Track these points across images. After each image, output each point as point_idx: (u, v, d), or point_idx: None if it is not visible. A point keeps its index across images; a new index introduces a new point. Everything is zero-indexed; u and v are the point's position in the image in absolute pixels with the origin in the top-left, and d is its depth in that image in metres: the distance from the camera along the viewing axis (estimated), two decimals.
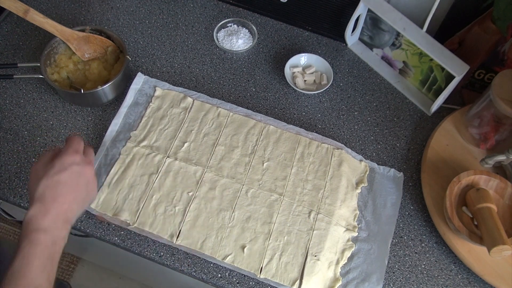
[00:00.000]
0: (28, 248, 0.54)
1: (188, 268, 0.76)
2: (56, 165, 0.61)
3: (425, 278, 0.78)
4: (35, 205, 0.57)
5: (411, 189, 0.86)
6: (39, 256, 0.54)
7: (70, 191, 0.60)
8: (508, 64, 0.87)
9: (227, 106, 0.91)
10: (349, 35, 1.01)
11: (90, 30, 0.91)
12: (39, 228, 0.56)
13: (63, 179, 0.60)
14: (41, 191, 0.58)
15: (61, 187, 0.60)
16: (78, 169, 0.62)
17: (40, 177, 0.60)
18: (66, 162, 0.61)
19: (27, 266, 0.53)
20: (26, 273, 0.53)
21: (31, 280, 0.53)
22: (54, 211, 0.58)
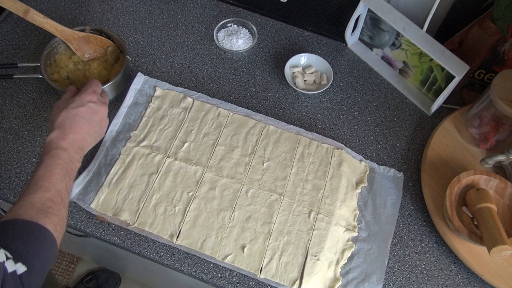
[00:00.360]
0: (51, 160, 0.63)
1: (188, 268, 0.76)
2: (76, 101, 0.71)
3: (425, 278, 0.78)
4: (54, 131, 0.67)
5: (411, 189, 0.86)
6: (60, 167, 0.63)
7: (85, 124, 0.70)
8: (508, 64, 0.87)
9: (227, 106, 0.91)
10: (349, 35, 1.01)
11: (90, 30, 0.91)
12: (58, 147, 0.65)
13: (81, 113, 0.70)
14: (61, 120, 0.68)
15: (78, 119, 0.69)
16: (95, 107, 0.72)
17: (60, 110, 0.69)
18: (84, 99, 0.71)
19: (50, 172, 0.62)
20: (49, 177, 0.61)
21: (53, 184, 0.61)
22: (71, 136, 0.68)
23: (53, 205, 0.59)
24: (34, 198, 0.58)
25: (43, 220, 0.56)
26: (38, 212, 0.57)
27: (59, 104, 0.72)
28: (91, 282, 1.53)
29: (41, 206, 0.58)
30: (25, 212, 0.56)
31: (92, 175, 0.81)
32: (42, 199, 0.59)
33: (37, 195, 0.59)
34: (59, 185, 0.62)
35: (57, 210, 0.59)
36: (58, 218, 0.59)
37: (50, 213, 0.58)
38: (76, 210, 0.79)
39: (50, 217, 0.57)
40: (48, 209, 0.58)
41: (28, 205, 0.57)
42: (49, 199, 0.59)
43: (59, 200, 0.61)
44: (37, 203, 0.58)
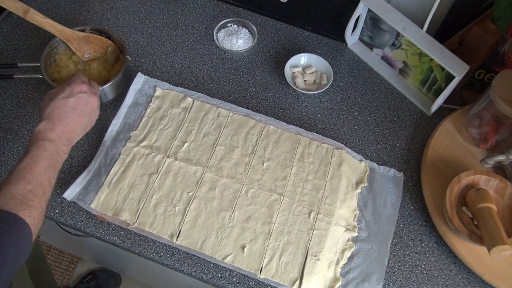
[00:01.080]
0: (36, 151, 0.63)
1: (188, 268, 0.76)
2: (66, 91, 0.69)
3: (425, 278, 0.78)
4: (43, 121, 0.66)
5: (411, 189, 0.86)
6: (45, 159, 0.62)
7: (75, 115, 0.69)
8: (508, 64, 0.87)
9: (227, 106, 0.91)
10: (349, 35, 1.01)
11: (90, 30, 0.91)
12: (46, 138, 0.65)
13: (70, 104, 0.69)
14: (50, 111, 0.67)
15: (67, 110, 0.68)
16: (85, 98, 0.71)
17: (50, 99, 0.69)
18: (75, 90, 0.70)
19: (34, 164, 0.61)
20: (32, 169, 0.61)
21: (36, 176, 0.60)
22: (59, 128, 0.67)
23: (33, 198, 0.58)
24: (16, 190, 0.58)
25: (23, 212, 0.56)
26: (18, 204, 0.56)
27: (51, 93, 0.71)
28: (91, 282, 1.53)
29: (21, 198, 0.57)
30: (5, 203, 0.55)
31: (92, 175, 0.81)
32: (23, 190, 0.58)
33: (19, 186, 0.58)
34: (42, 177, 0.61)
35: (38, 203, 0.59)
36: (38, 212, 0.58)
37: (30, 206, 0.57)
38: (76, 210, 0.79)
39: (29, 210, 0.57)
40: (29, 202, 0.57)
41: (8, 196, 0.57)
42: (30, 191, 0.59)
43: (40, 193, 0.60)
44: (18, 194, 0.57)
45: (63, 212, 0.79)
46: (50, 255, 1.58)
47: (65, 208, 0.80)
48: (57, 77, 0.88)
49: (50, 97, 0.70)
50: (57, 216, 0.79)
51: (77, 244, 1.31)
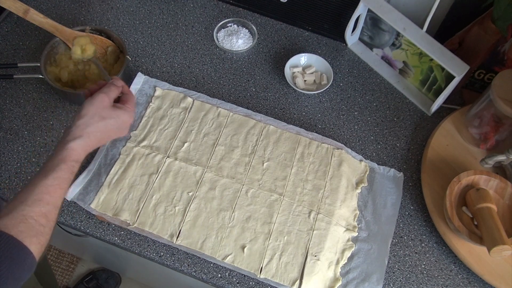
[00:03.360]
0: (64, 173, 0.60)
1: (188, 268, 0.76)
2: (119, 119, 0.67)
3: (425, 278, 0.78)
4: (83, 138, 0.63)
5: (411, 189, 0.86)
6: (68, 182, 0.60)
7: (105, 141, 0.69)
8: (508, 64, 0.87)
9: (227, 106, 0.91)
10: (349, 35, 1.01)
11: (90, 30, 0.91)
12: (78, 160, 0.63)
13: (111, 134, 0.67)
14: (94, 130, 0.65)
15: (108, 134, 0.67)
16: (124, 130, 0.70)
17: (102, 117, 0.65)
18: (125, 121, 0.68)
19: (58, 186, 0.58)
20: (54, 191, 0.58)
21: (55, 199, 0.58)
22: (90, 149, 0.66)
23: (46, 223, 0.55)
24: (29, 212, 0.54)
25: (30, 239, 0.52)
26: (28, 230, 0.53)
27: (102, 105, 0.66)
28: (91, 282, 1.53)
29: (33, 223, 0.54)
30: (14, 226, 0.52)
31: (92, 175, 0.81)
32: (37, 214, 0.55)
33: (35, 208, 0.55)
34: (59, 200, 0.59)
35: (48, 229, 0.56)
36: (45, 239, 0.55)
37: (40, 233, 0.54)
38: (76, 210, 0.79)
39: (38, 237, 0.54)
40: (40, 227, 0.54)
41: (20, 217, 0.53)
42: (44, 215, 0.55)
43: (53, 217, 0.57)
44: (31, 217, 0.54)
45: (63, 212, 0.79)
46: (50, 255, 1.58)
47: (65, 208, 0.80)
48: (57, 77, 0.88)
49: (101, 112, 0.65)
50: None
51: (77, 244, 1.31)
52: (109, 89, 0.68)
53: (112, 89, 0.68)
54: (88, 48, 0.73)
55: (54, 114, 0.90)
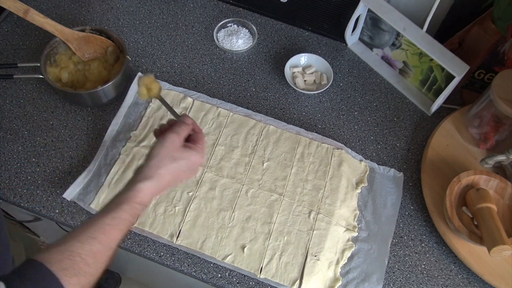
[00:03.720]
0: (126, 215, 0.57)
1: (188, 268, 0.76)
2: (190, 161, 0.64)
3: (425, 278, 0.78)
4: (154, 180, 0.60)
5: (411, 189, 0.86)
6: (127, 224, 0.57)
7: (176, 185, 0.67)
8: (508, 64, 0.87)
9: (227, 106, 0.91)
10: (349, 35, 1.01)
11: (90, 30, 0.91)
12: (143, 203, 0.59)
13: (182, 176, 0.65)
14: (165, 173, 0.62)
15: (176, 180, 0.64)
16: (195, 171, 0.67)
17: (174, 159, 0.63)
18: (196, 162, 0.65)
19: (116, 227, 0.55)
20: (110, 232, 0.55)
21: (110, 241, 0.55)
22: (158, 194, 0.62)
23: (93, 263, 0.52)
24: (78, 248, 0.52)
25: (69, 279, 0.49)
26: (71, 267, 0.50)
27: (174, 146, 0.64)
28: None
29: (79, 261, 0.51)
30: (58, 261, 0.50)
31: (92, 175, 0.81)
32: (86, 252, 0.52)
33: (85, 246, 0.52)
34: (113, 243, 0.55)
35: (94, 270, 0.53)
36: (89, 280, 0.52)
37: (84, 273, 0.51)
38: (76, 210, 0.79)
39: (79, 278, 0.50)
40: (84, 267, 0.51)
41: (67, 253, 0.51)
42: (93, 254, 0.53)
43: (102, 258, 0.54)
44: (78, 255, 0.51)
45: (63, 212, 0.79)
46: None
47: (65, 208, 0.80)
48: (57, 77, 0.88)
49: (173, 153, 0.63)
50: (57, 216, 0.79)
51: None
52: (180, 129, 0.65)
53: (183, 128, 0.66)
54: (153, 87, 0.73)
55: (54, 114, 0.90)
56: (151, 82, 0.72)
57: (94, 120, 0.89)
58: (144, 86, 0.73)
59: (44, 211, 0.79)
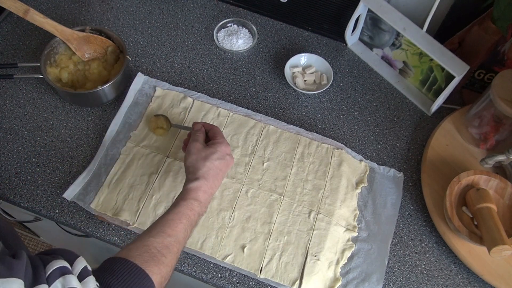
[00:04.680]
0: (183, 209, 0.64)
1: (188, 268, 0.76)
2: (218, 152, 0.72)
3: (425, 278, 0.78)
4: (200, 180, 0.68)
5: (411, 189, 0.86)
6: (188, 218, 0.64)
7: (221, 177, 0.72)
8: (508, 64, 0.87)
9: (227, 106, 0.91)
10: (349, 35, 1.01)
11: (90, 30, 0.91)
12: (197, 199, 0.67)
13: (221, 166, 0.71)
14: (206, 170, 0.69)
15: (218, 172, 0.71)
16: (229, 159, 0.73)
17: (204, 157, 0.70)
18: (224, 152, 0.72)
19: (178, 220, 0.63)
20: (175, 225, 0.62)
21: (176, 233, 0.61)
22: (211, 191, 0.70)
23: (167, 254, 0.58)
24: (152, 242, 0.58)
25: (152, 269, 0.55)
26: (150, 259, 0.56)
27: (199, 149, 0.72)
28: None
29: (156, 253, 0.57)
30: (138, 255, 0.55)
31: (92, 175, 0.81)
32: (160, 244, 0.58)
33: (157, 239, 0.59)
34: (181, 235, 0.62)
35: (170, 261, 0.59)
36: (167, 269, 0.58)
37: (162, 263, 0.57)
38: (76, 210, 0.79)
39: (159, 267, 0.56)
40: (161, 258, 0.57)
41: (144, 248, 0.57)
42: (166, 246, 0.59)
43: (175, 250, 0.60)
44: (154, 248, 0.57)
45: (63, 212, 0.79)
46: None
47: (65, 208, 0.80)
48: (57, 78, 0.88)
49: (200, 154, 0.71)
50: (57, 216, 0.79)
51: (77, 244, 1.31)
52: (196, 136, 0.74)
53: (197, 134, 0.74)
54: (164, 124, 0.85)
55: (54, 114, 0.90)
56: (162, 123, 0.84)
57: (94, 120, 0.89)
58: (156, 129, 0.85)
59: (44, 211, 0.79)
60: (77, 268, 0.47)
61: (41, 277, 0.44)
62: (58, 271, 0.45)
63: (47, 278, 0.44)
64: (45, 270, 0.45)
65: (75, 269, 0.47)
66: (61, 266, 0.45)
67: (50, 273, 0.44)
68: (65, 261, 0.47)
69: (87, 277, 0.47)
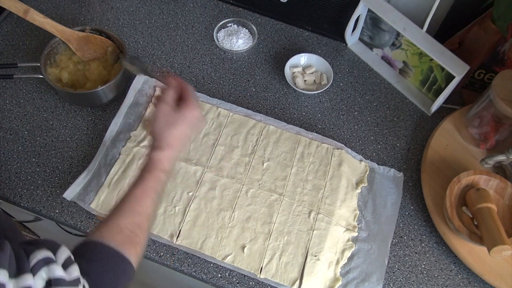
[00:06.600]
0: (151, 182, 0.62)
1: (188, 268, 0.76)
2: (187, 119, 0.66)
3: (425, 278, 0.78)
4: (166, 150, 0.65)
5: (411, 189, 0.86)
6: (155, 191, 0.62)
7: (188, 139, 0.69)
8: (508, 64, 0.87)
9: (227, 106, 0.91)
10: (349, 35, 1.01)
11: (90, 30, 0.91)
12: (164, 169, 0.64)
13: (189, 133, 0.68)
14: (173, 139, 0.65)
15: (186, 139, 0.68)
16: (199, 124, 0.70)
17: (171, 124, 0.65)
18: (194, 117, 0.68)
19: (146, 195, 0.60)
20: (143, 201, 0.60)
21: (145, 209, 0.60)
22: (176, 158, 0.67)
23: (140, 233, 0.57)
24: (124, 223, 0.56)
25: (129, 251, 0.54)
26: (125, 241, 0.55)
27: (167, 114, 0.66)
28: None
29: (129, 233, 0.56)
30: (112, 237, 0.54)
31: (92, 175, 0.81)
32: (131, 224, 0.57)
33: (128, 219, 0.57)
34: (150, 209, 0.61)
35: (142, 239, 0.58)
36: (141, 248, 0.57)
37: (136, 243, 0.56)
38: (76, 210, 0.79)
39: (135, 247, 0.56)
40: (135, 238, 0.56)
41: (117, 229, 0.56)
42: (138, 225, 0.58)
43: (146, 227, 0.59)
44: (126, 229, 0.56)
45: (63, 212, 0.79)
46: None
47: (65, 208, 0.80)
48: (57, 78, 0.88)
49: (168, 119, 0.66)
50: (57, 216, 0.79)
51: None
52: (166, 96, 0.67)
53: (168, 94, 0.68)
54: None
55: (54, 114, 0.90)
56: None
57: (94, 120, 0.89)
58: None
59: (44, 211, 0.79)
60: (61, 258, 0.47)
61: (25, 267, 0.44)
62: (42, 261, 0.45)
63: (32, 268, 0.44)
64: (29, 260, 0.45)
65: (59, 258, 0.47)
66: (45, 257, 0.46)
67: (34, 263, 0.45)
68: (49, 250, 0.47)
69: (71, 265, 0.47)
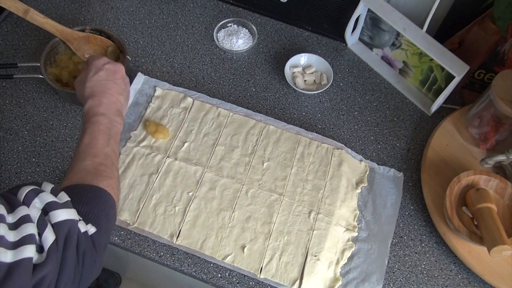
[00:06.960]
0: (92, 127, 0.63)
1: (188, 268, 0.76)
2: (92, 69, 0.69)
3: (425, 278, 0.78)
4: (88, 100, 0.66)
5: (411, 189, 0.86)
6: (102, 133, 0.63)
7: (112, 85, 0.69)
8: (508, 64, 0.87)
9: (227, 106, 0.91)
10: (349, 35, 1.01)
11: (90, 30, 0.91)
12: (96, 113, 0.65)
13: (103, 77, 0.69)
14: (89, 90, 0.68)
15: (104, 83, 0.69)
16: (111, 67, 0.71)
17: (82, 83, 0.69)
18: (99, 64, 0.70)
19: (94, 139, 0.62)
20: (95, 144, 0.61)
21: (99, 150, 0.61)
22: (105, 100, 0.67)
23: (106, 169, 0.59)
24: (86, 165, 0.58)
25: (101, 183, 0.56)
26: (94, 177, 0.57)
27: (79, 80, 0.71)
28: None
29: (94, 171, 0.58)
30: (82, 178, 0.56)
31: None
32: (94, 164, 0.59)
33: (88, 162, 0.59)
34: (106, 149, 0.62)
35: (111, 173, 0.59)
36: (113, 181, 0.59)
37: (105, 176, 0.58)
38: None
39: (106, 180, 0.57)
40: (102, 173, 0.58)
41: (82, 171, 0.57)
42: (100, 163, 0.59)
43: (110, 163, 0.61)
44: (91, 168, 0.58)
45: None
46: None
47: None
48: (57, 78, 0.88)
49: (81, 82, 0.70)
50: None
51: None
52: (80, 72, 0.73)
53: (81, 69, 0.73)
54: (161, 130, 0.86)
55: (54, 114, 0.90)
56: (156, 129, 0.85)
57: None
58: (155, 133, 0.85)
59: None
60: (47, 188, 0.49)
61: (17, 202, 0.45)
62: (32, 192, 0.46)
63: (23, 201, 0.45)
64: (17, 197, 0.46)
65: (46, 189, 0.49)
66: (33, 188, 0.47)
67: (24, 196, 0.46)
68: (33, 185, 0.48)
69: (59, 192, 0.49)
